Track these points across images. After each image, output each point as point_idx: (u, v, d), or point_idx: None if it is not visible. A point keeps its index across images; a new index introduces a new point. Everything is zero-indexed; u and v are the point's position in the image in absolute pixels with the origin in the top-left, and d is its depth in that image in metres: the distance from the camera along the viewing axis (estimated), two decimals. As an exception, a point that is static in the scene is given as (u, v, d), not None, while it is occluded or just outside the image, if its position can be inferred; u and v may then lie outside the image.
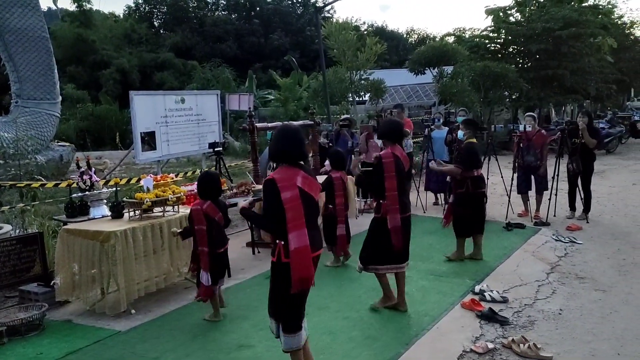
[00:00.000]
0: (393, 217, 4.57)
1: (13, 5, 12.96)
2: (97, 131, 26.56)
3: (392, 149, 4.66)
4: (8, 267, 5.06)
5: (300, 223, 3.22)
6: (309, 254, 3.25)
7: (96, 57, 35.41)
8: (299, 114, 19.56)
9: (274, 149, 3.41)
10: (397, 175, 4.58)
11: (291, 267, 3.20)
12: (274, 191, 3.22)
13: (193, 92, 11.41)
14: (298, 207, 3.23)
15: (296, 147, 3.35)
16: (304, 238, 3.22)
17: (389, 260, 4.73)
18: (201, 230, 4.58)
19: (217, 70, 30.20)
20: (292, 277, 3.21)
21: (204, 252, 4.57)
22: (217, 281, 4.66)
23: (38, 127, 12.98)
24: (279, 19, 46.35)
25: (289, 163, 3.34)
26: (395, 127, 4.82)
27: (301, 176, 3.31)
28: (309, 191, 3.32)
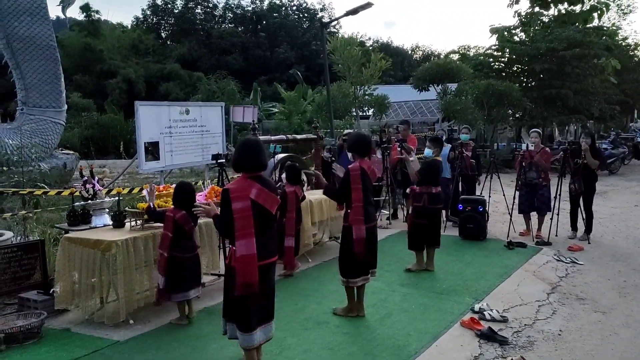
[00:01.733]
0: (358, 227, 4.74)
1: (22, 13, 13.13)
2: (101, 140, 26.68)
3: (360, 162, 4.86)
4: (8, 274, 5.07)
5: (248, 232, 3.48)
6: (254, 262, 3.46)
7: (103, 67, 35.71)
8: (302, 127, 19.63)
9: (234, 159, 3.67)
10: (363, 187, 4.78)
11: (236, 272, 3.47)
12: (226, 201, 3.52)
13: (198, 104, 11.47)
14: (248, 217, 3.49)
15: (254, 158, 3.61)
16: (251, 247, 3.45)
17: (361, 272, 4.94)
18: (166, 235, 4.75)
19: (223, 82, 30.41)
20: (236, 282, 3.47)
21: (163, 256, 4.73)
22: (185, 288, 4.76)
23: (42, 134, 13.06)
24: (285, 32, 46.73)
25: (248, 174, 3.60)
26: (363, 141, 5.03)
27: (256, 188, 3.56)
28: (262, 203, 3.58)
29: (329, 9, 52.26)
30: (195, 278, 4.93)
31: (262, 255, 3.54)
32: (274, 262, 3.77)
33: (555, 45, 18.55)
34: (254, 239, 3.47)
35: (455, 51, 32.95)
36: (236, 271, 3.48)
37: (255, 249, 3.47)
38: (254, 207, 3.51)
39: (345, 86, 14.85)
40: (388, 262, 6.84)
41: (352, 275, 4.95)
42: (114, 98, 33.05)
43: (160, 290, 4.76)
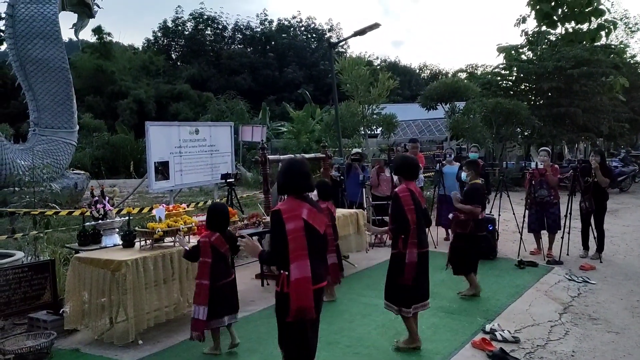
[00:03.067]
0: (411, 252, 4.54)
1: (35, 36, 13.38)
2: (112, 160, 26.93)
3: (407, 184, 4.68)
4: (19, 294, 5.09)
5: (302, 254, 3.31)
6: (309, 285, 3.31)
7: (114, 88, 36.22)
8: (311, 146, 19.70)
9: (281, 181, 3.52)
10: (416, 208, 4.58)
11: (290, 296, 3.28)
12: (279, 222, 3.34)
13: (207, 123, 11.58)
14: (301, 238, 3.33)
15: (302, 179, 3.48)
16: (305, 269, 3.31)
17: (415, 300, 4.66)
18: (205, 263, 4.52)
19: (232, 102, 30.69)
20: (290, 306, 3.28)
21: (203, 285, 4.47)
22: (221, 314, 4.56)
23: (54, 155, 13.21)
24: (294, 52, 47.23)
25: (295, 195, 3.45)
26: (409, 163, 4.82)
27: (307, 208, 3.42)
28: (313, 224, 3.41)
29: (336, 29, 52.85)
30: (232, 304, 4.69)
31: (315, 279, 3.37)
32: (324, 288, 3.58)
33: (563, 63, 18.59)
34: (308, 261, 3.31)
35: (462, 70, 33.15)
36: (290, 295, 3.28)
37: (309, 272, 3.30)
38: (306, 228, 3.35)
39: (354, 105, 14.95)
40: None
41: (405, 304, 4.65)
42: (124, 118, 33.44)
43: (198, 322, 4.48)
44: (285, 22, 50.85)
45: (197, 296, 4.52)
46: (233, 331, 4.73)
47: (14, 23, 13.32)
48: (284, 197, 3.55)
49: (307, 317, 3.31)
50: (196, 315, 4.50)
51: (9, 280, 5.02)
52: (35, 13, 13.39)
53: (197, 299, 4.52)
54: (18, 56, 13.37)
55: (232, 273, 4.75)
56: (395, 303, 4.68)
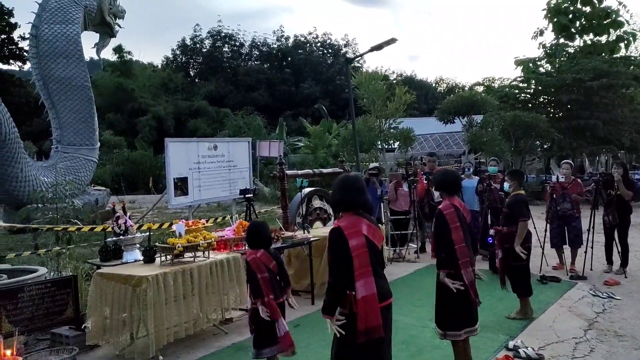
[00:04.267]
0: (466, 271, 4.16)
1: (58, 56, 13.73)
2: (131, 176, 27.33)
3: (450, 200, 4.34)
4: (42, 310, 5.15)
5: (367, 271, 3.19)
6: (376, 303, 3.17)
7: (134, 105, 36.86)
8: (328, 161, 19.75)
9: (337, 198, 3.43)
10: (462, 225, 4.22)
11: (357, 316, 3.13)
12: (341, 239, 3.21)
13: (225, 139, 11.70)
14: (365, 255, 3.21)
15: (358, 194, 3.38)
16: (372, 286, 3.17)
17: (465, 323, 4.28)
18: (265, 278, 4.20)
19: (249, 117, 30.99)
20: (358, 327, 3.12)
21: (272, 301, 4.13)
22: None
23: (76, 172, 13.45)
24: (310, 68, 47.59)
25: (353, 211, 3.36)
26: (450, 178, 4.54)
27: (366, 224, 3.31)
28: (373, 239, 3.31)
29: (352, 45, 53.14)
30: None
31: (382, 296, 3.23)
32: (391, 304, 3.37)
33: (582, 75, 18.43)
34: (373, 278, 3.18)
35: (479, 83, 32.95)
36: (358, 315, 3.12)
37: (375, 289, 3.17)
38: (368, 243, 3.25)
39: (371, 120, 14.99)
40: (418, 297, 6.72)
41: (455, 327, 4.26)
42: (144, 135, 33.95)
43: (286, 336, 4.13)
44: (302, 38, 51.39)
45: (273, 313, 4.14)
46: None
47: (38, 43, 13.69)
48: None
49: (375, 337, 3.14)
50: (281, 332, 4.15)
51: (33, 296, 5.09)
52: (59, 33, 13.75)
53: (274, 315, 4.13)
54: (42, 75, 13.72)
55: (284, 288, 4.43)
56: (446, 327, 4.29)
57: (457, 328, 4.23)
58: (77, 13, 14.15)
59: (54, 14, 13.82)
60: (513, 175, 6.28)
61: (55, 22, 13.79)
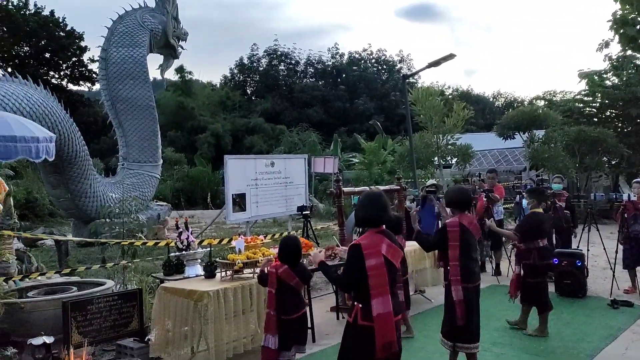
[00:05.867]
0: (456, 288, 4.50)
1: (125, 77, 14.43)
2: (190, 191, 28.14)
3: (459, 218, 4.61)
4: (109, 322, 5.35)
5: (384, 290, 3.36)
6: (392, 320, 3.35)
7: (194, 123, 38.14)
8: (383, 177, 19.60)
9: (360, 215, 3.59)
10: (462, 244, 4.51)
11: (375, 332, 3.29)
12: (359, 257, 3.39)
13: (282, 156, 11.88)
14: (383, 275, 3.38)
15: (381, 211, 3.52)
16: (387, 304, 3.35)
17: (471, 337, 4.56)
18: (270, 293, 4.51)
19: (304, 134, 31.33)
20: (376, 344, 3.28)
21: (270, 315, 4.45)
22: (289, 347, 4.44)
23: (141, 188, 14.01)
24: (364, 84, 47.70)
25: (375, 228, 3.50)
26: (463, 195, 4.81)
27: (386, 244, 3.46)
28: (391, 259, 3.47)
29: (407, 60, 52.85)
30: (300, 336, 4.57)
31: (395, 312, 3.43)
32: (401, 319, 3.66)
33: (653, 88, 17.48)
34: (389, 297, 3.36)
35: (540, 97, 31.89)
36: (375, 332, 3.30)
37: (391, 307, 3.36)
38: (386, 263, 3.41)
39: (428, 136, 14.79)
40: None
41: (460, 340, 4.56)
42: (203, 152, 35.00)
43: (269, 351, 4.43)
44: (356, 55, 51.62)
45: (266, 325, 4.50)
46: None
47: (107, 65, 14.45)
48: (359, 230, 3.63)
49: (392, 351, 3.33)
50: (266, 344, 4.44)
51: (101, 308, 5.30)
52: (126, 56, 14.47)
53: (266, 327, 4.51)
54: (110, 96, 14.44)
55: (303, 307, 4.61)
56: (449, 338, 4.62)
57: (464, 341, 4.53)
58: (143, 36, 14.85)
59: (122, 37, 14.57)
60: (531, 193, 6.44)
61: (123, 45, 14.53)
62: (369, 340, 3.32)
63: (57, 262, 8.95)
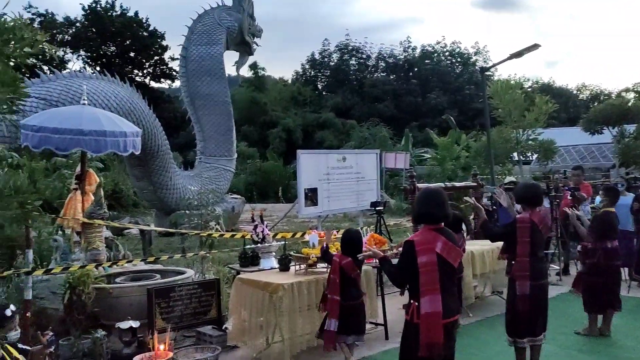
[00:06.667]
0: (522, 283, 4.49)
1: (203, 74, 14.97)
2: (262, 185, 28.82)
3: (530, 214, 4.56)
4: (190, 309, 5.57)
5: (433, 288, 3.33)
6: (440, 320, 3.30)
7: (266, 118, 39.01)
8: (456, 173, 19.09)
9: (416, 211, 3.63)
10: (532, 241, 4.49)
11: (420, 330, 3.30)
12: (411, 253, 3.38)
13: (354, 151, 11.82)
14: (434, 272, 3.35)
15: (437, 208, 3.48)
16: (437, 304, 3.32)
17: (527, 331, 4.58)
18: (334, 280, 4.75)
19: (375, 129, 31.11)
20: (420, 341, 3.28)
21: (334, 300, 4.68)
22: (349, 332, 4.71)
23: (216, 181, 14.51)
24: (437, 78, 46.66)
25: (431, 225, 3.47)
26: (533, 191, 4.78)
27: (442, 242, 3.41)
28: (447, 257, 3.41)
29: (483, 52, 51.03)
30: (359, 325, 4.85)
31: (447, 313, 3.37)
32: (457, 320, 3.57)
33: None
34: (440, 296, 3.34)
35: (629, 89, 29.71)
36: (420, 330, 3.32)
37: (441, 307, 3.33)
38: (439, 261, 3.38)
39: (506, 131, 14.17)
40: (563, 324, 6.16)
41: (517, 335, 4.59)
42: (274, 146, 35.71)
43: (329, 333, 4.69)
44: (429, 48, 50.53)
45: (330, 310, 4.75)
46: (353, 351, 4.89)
47: (187, 63, 15.05)
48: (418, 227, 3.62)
49: (435, 353, 3.29)
50: (327, 327, 4.72)
51: (182, 296, 5.53)
52: (204, 53, 15.00)
53: (330, 312, 4.76)
54: (189, 92, 15.05)
55: (361, 296, 4.90)
56: (510, 333, 4.64)
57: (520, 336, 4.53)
58: (220, 35, 15.32)
59: (200, 36, 15.11)
60: (608, 191, 6.14)
61: (201, 43, 15.06)
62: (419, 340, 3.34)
63: (141, 251, 9.45)
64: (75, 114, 6.27)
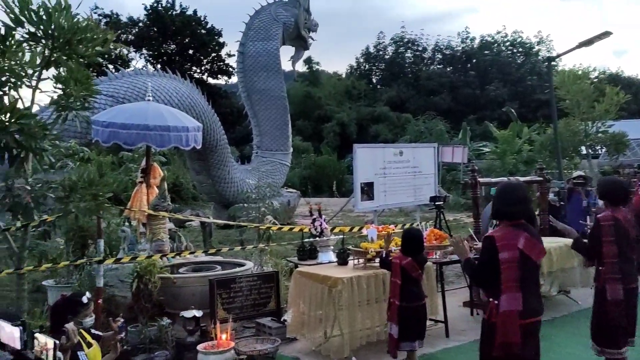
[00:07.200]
0: (612, 287, 4.12)
1: (260, 69, 15.17)
2: (317, 179, 28.97)
3: (612, 212, 4.23)
4: (249, 301, 5.68)
5: (514, 286, 3.18)
6: (517, 320, 3.16)
7: (320, 112, 39.10)
8: (517, 167, 18.43)
9: (496, 207, 3.41)
10: (618, 240, 4.14)
11: (496, 329, 3.18)
12: (491, 250, 3.23)
13: (411, 145, 11.65)
14: (514, 269, 3.19)
15: (519, 204, 3.32)
16: (516, 302, 3.18)
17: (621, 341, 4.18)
18: (395, 283, 4.62)
19: (431, 122, 30.54)
20: (494, 341, 3.18)
21: (394, 305, 4.56)
22: (412, 338, 4.53)
23: (273, 175, 14.70)
24: (497, 69, 45.15)
25: (512, 222, 3.30)
26: (617, 186, 4.45)
27: (524, 237, 3.24)
28: (529, 254, 3.24)
29: (546, 42, 48.84)
30: (421, 328, 4.68)
31: (527, 313, 3.20)
32: (539, 321, 3.36)
33: None
34: (520, 294, 3.17)
35: None
36: (496, 329, 3.19)
37: (521, 305, 3.17)
38: (521, 258, 3.21)
39: (574, 123, 13.50)
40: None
41: (610, 345, 4.19)
42: (328, 140, 35.76)
43: (392, 338, 4.57)
44: (489, 38, 48.90)
45: (391, 314, 4.65)
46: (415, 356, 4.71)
47: (244, 59, 15.30)
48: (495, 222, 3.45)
49: (511, 353, 3.16)
50: (390, 331, 4.63)
51: (242, 287, 5.63)
52: (261, 49, 15.19)
53: (390, 316, 4.67)
54: (246, 87, 15.30)
55: (423, 298, 4.74)
56: (599, 343, 4.24)
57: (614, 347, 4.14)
58: (276, 30, 15.47)
59: (257, 32, 15.32)
60: None
61: (258, 39, 15.27)
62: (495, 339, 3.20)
63: (201, 242, 9.71)
64: (141, 110, 6.50)
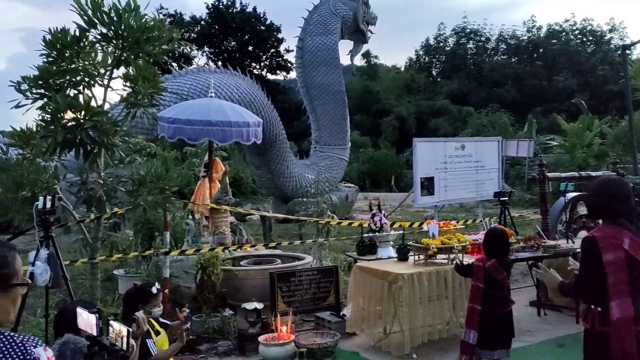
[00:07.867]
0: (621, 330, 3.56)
1: (319, 64, 15.20)
2: (375, 174, 28.79)
3: None
4: (309, 294, 5.71)
5: (624, 289, 2.92)
6: (632, 326, 2.91)
7: (379, 106, 38.75)
8: (588, 162, 17.51)
9: (594, 204, 3.17)
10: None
11: (611, 338, 2.92)
12: (594, 252, 2.97)
13: (473, 139, 11.34)
14: (622, 271, 2.93)
15: (620, 202, 3.05)
16: (628, 308, 2.91)
17: None
18: (477, 287, 4.26)
19: (494, 115, 29.57)
20: (612, 350, 2.91)
21: (474, 310, 4.22)
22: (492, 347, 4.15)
23: (331, 170, 14.72)
24: (565, 59, 43.02)
25: (613, 220, 3.04)
26: None
27: (628, 237, 2.97)
28: (635, 255, 2.95)
29: (619, 29, 46.03)
30: (505, 337, 4.26)
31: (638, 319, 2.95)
32: None
33: None
34: (631, 299, 2.93)
35: None
36: (611, 338, 2.93)
37: (632, 310, 2.92)
38: (628, 259, 2.96)
39: (653, 115, 12.69)
40: None
41: None
42: (387, 135, 35.40)
43: (467, 345, 4.23)
44: (556, 26, 46.66)
45: (469, 319, 4.30)
46: None
47: (303, 54, 15.38)
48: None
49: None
50: (466, 338, 4.25)
51: (302, 281, 5.68)
52: (320, 44, 15.21)
53: (468, 322, 4.31)
54: (305, 82, 15.37)
55: (509, 303, 4.33)
56: None
57: None
58: (335, 24, 15.44)
59: (316, 26, 15.34)
60: None
61: (317, 34, 15.29)
62: (608, 349, 2.91)
63: (261, 236, 9.88)
64: (204, 106, 6.67)
